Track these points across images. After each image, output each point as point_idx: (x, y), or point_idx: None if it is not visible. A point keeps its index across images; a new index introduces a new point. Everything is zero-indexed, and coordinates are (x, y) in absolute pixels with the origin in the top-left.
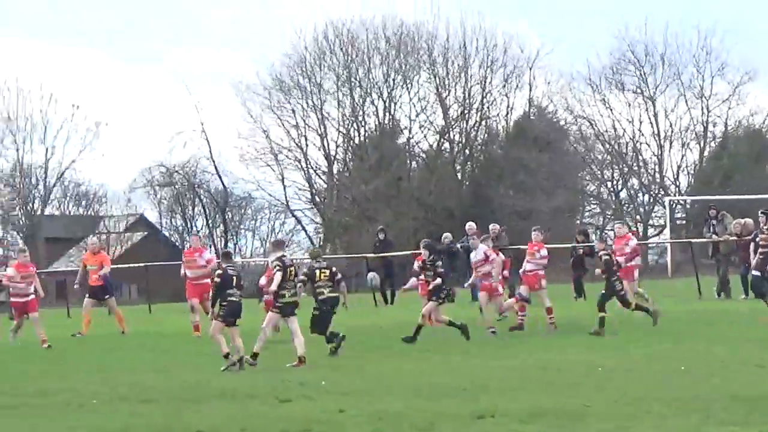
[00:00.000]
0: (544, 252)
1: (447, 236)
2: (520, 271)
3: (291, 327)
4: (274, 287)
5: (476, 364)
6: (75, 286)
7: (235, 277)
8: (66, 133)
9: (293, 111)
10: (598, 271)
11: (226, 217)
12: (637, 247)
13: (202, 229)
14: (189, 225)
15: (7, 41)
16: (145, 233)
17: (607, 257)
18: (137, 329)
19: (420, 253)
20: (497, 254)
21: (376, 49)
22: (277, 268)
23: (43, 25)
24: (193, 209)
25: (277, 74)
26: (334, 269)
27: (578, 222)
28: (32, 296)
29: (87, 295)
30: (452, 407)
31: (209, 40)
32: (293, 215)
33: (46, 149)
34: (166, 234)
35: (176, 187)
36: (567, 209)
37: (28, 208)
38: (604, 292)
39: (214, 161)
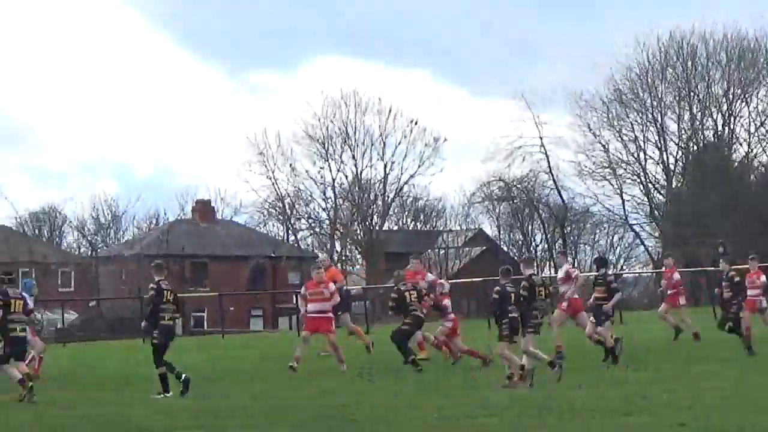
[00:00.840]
0: None
1: None
2: None
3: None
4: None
5: None
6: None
7: (513, 295)
8: (404, 148)
9: (632, 125)
10: None
11: (565, 231)
12: None
13: (540, 243)
14: (527, 240)
15: (348, 62)
16: (484, 248)
17: None
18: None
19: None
20: None
21: (717, 62)
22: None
23: (381, 48)
24: (532, 224)
25: (616, 87)
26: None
27: None
28: (326, 315)
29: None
30: None
31: (546, 55)
32: (632, 229)
33: (385, 164)
34: (505, 248)
35: (515, 201)
36: None
37: (367, 223)
38: None
39: (552, 175)
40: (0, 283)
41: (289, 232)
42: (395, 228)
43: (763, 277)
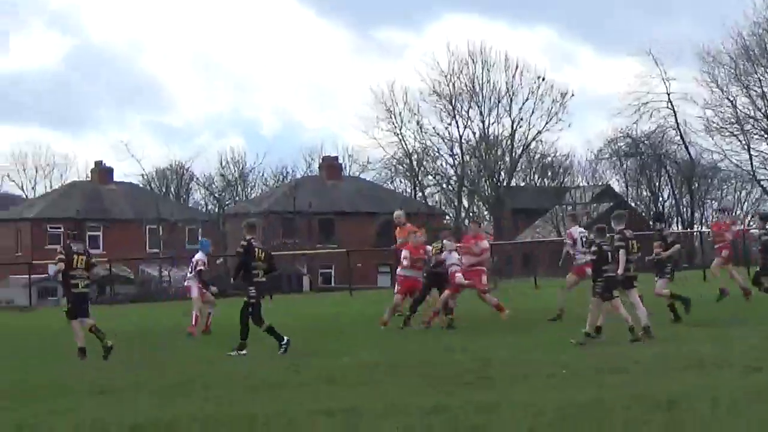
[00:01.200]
0: None
1: None
2: None
3: (632, 299)
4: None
5: None
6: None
7: (609, 253)
8: (531, 105)
9: (760, 80)
10: None
11: (692, 187)
12: None
13: (668, 199)
14: (655, 195)
15: (473, 20)
16: (611, 204)
17: None
18: None
19: None
20: None
21: None
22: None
23: (505, 5)
24: (659, 180)
25: (744, 43)
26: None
27: None
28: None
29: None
30: None
31: (672, 10)
32: (759, 185)
33: (512, 121)
34: (632, 204)
35: (642, 157)
36: None
37: (494, 179)
38: None
39: (680, 131)
40: (66, 237)
41: (416, 188)
42: (522, 184)
43: None
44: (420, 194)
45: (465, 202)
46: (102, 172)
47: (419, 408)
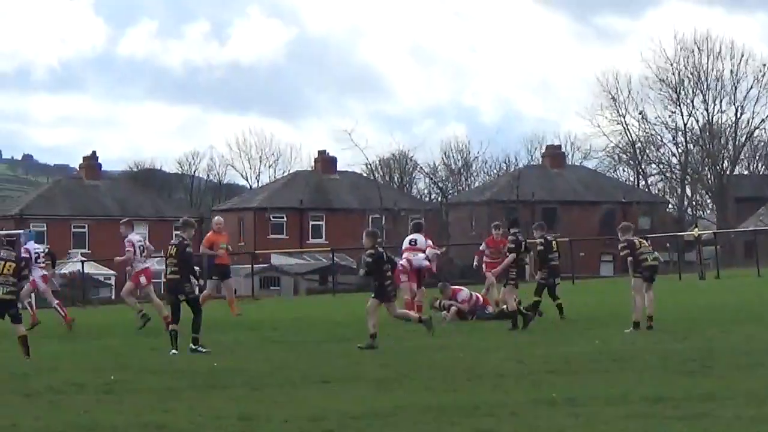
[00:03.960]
0: None
1: None
2: None
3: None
4: None
5: None
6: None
7: None
8: (756, 92)
9: None
10: None
11: None
12: None
13: None
14: None
15: (691, 7)
16: None
17: None
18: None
19: None
20: None
21: None
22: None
23: None
24: None
25: None
26: None
27: None
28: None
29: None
30: None
31: None
32: None
33: (736, 108)
34: None
35: None
36: None
37: (717, 167)
38: None
39: None
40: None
41: (639, 177)
42: (746, 173)
43: None
44: (643, 183)
45: (688, 191)
46: (325, 161)
47: (642, 397)
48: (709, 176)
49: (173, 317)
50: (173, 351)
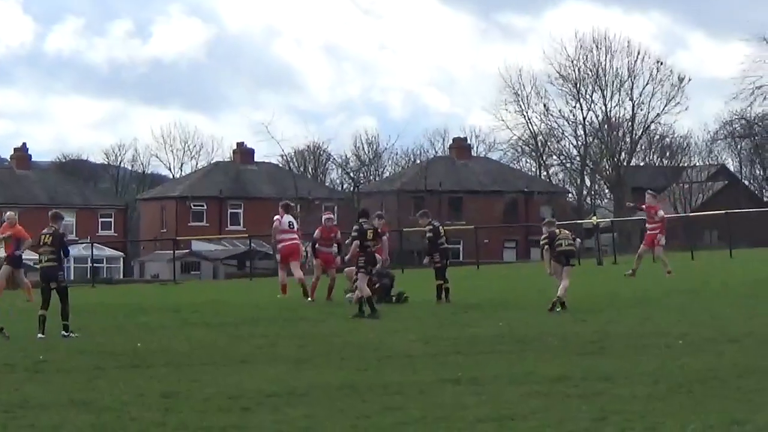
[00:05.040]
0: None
1: None
2: None
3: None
4: None
5: None
6: None
7: None
8: (651, 88)
9: None
10: None
11: None
12: None
13: None
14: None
15: (588, 7)
16: (726, 182)
17: None
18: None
19: None
20: None
21: None
22: None
23: None
24: None
25: None
26: None
27: None
28: None
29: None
30: None
31: None
32: None
33: (633, 103)
34: (746, 183)
35: (755, 138)
36: None
37: (615, 159)
38: None
39: None
40: None
41: (541, 168)
42: (642, 164)
43: None
44: (544, 173)
45: (587, 181)
46: (243, 152)
47: (543, 377)
48: (607, 167)
49: (44, 304)
50: (39, 335)
